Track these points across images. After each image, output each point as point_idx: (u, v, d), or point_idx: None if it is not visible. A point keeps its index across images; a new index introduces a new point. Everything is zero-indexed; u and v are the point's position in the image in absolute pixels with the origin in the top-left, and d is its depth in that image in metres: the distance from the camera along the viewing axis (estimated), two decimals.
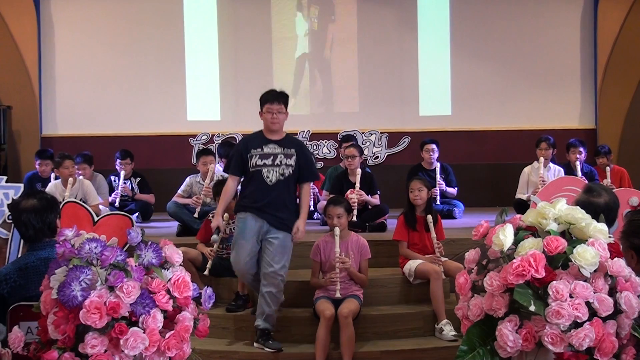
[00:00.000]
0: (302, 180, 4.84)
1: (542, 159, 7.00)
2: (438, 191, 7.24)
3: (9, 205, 5.00)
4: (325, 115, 9.16)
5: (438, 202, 7.15)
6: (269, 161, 4.72)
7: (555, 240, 2.33)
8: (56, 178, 6.91)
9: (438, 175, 7.41)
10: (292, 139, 4.93)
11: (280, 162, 4.72)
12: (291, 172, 4.73)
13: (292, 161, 4.75)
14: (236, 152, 4.87)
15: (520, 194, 6.97)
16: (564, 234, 2.42)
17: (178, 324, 2.47)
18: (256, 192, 4.70)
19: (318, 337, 4.67)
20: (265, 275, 4.67)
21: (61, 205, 3.87)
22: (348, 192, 6.40)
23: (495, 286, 2.33)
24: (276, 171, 4.70)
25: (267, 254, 4.67)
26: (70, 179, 6.46)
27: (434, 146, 7.52)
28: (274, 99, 4.80)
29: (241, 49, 9.12)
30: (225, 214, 5.51)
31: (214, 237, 4.80)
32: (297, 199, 5.00)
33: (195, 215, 6.35)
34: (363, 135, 8.91)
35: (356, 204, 6.17)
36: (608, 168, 7.28)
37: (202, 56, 9.09)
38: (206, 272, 5.17)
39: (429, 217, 5.25)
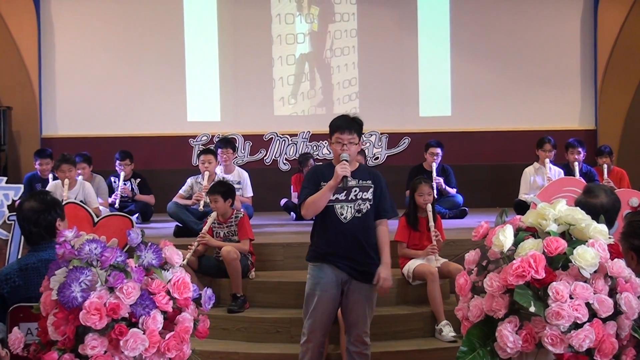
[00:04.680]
0: (378, 217, 4.09)
1: (547, 160, 6.99)
2: (434, 184, 7.25)
3: (9, 206, 5.01)
4: (326, 116, 9.14)
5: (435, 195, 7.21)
6: (342, 196, 3.99)
7: (555, 241, 2.33)
8: (54, 178, 6.91)
9: (434, 172, 7.48)
10: (367, 169, 4.26)
11: (356, 196, 4.00)
12: (369, 207, 4.02)
13: (369, 194, 4.03)
14: (310, 179, 4.10)
15: (524, 195, 6.95)
16: (564, 234, 2.42)
17: (178, 325, 2.47)
18: (329, 232, 4.01)
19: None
20: (350, 334, 4.13)
21: None
22: None
23: (495, 287, 2.33)
24: (351, 207, 3.98)
25: (350, 312, 4.08)
26: (66, 181, 6.47)
27: (438, 150, 7.56)
28: (345, 127, 4.06)
29: (241, 50, 9.12)
30: (214, 212, 5.50)
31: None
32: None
33: (201, 207, 6.36)
34: (363, 136, 8.87)
35: None
36: (605, 166, 7.29)
37: (202, 56, 9.09)
38: (184, 262, 5.14)
39: (429, 206, 5.26)
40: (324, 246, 4.04)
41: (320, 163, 4.49)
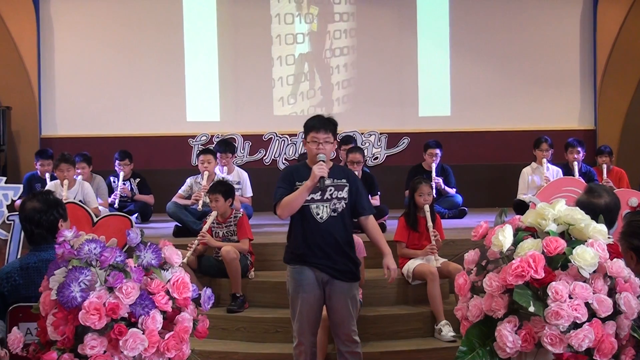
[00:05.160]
0: (359, 214, 4.13)
1: (544, 160, 7.01)
2: (433, 184, 7.26)
3: (8, 206, 5.01)
4: None
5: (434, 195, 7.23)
6: (317, 195, 3.98)
7: (554, 241, 2.33)
8: (52, 178, 6.90)
9: (434, 172, 7.49)
10: (341, 168, 4.30)
11: (331, 195, 4.01)
12: (344, 206, 4.03)
13: (344, 193, 4.04)
14: (285, 179, 4.08)
15: (522, 195, 6.96)
16: (563, 234, 2.42)
17: (177, 325, 2.47)
18: (306, 233, 4.01)
19: (317, 338, 4.65)
20: (338, 334, 4.15)
21: None
22: None
23: (494, 287, 2.34)
24: (327, 207, 3.99)
25: (335, 312, 4.09)
26: (66, 181, 6.46)
27: (437, 151, 7.57)
28: (321, 126, 4.05)
29: (240, 50, 9.11)
30: (214, 212, 5.51)
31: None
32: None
33: (200, 207, 6.37)
34: (362, 136, 8.90)
35: None
36: (605, 166, 7.31)
37: (202, 56, 9.08)
38: (184, 260, 5.14)
39: (427, 207, 5.27)
40: (302, 247, 4.03)
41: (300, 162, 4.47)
